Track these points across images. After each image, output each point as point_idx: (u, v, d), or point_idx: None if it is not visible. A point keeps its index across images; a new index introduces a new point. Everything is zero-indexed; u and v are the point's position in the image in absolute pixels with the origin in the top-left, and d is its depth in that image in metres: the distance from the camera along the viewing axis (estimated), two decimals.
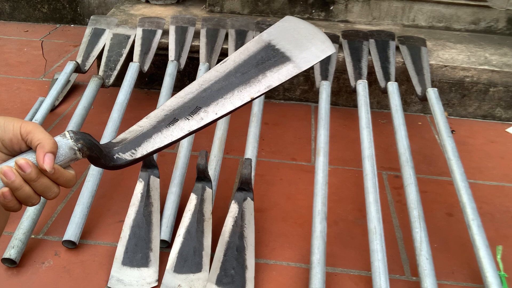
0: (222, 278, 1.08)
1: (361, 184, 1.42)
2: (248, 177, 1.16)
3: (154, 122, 0.59)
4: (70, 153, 0.53)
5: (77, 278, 1.11)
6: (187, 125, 0.58)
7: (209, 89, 0.60)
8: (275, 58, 0.61)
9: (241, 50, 0.63)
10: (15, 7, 2.60)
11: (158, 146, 0.58)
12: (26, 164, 0.50)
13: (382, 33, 1.91)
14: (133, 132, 0.59)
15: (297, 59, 0.61)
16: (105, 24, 1.89)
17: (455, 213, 1.38)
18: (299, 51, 0.61)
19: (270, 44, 0.63)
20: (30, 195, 0.52)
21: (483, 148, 1.70)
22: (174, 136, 0.58)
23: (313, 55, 0.61)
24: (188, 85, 0.61)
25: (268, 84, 0.59)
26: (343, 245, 1.25)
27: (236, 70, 0.61)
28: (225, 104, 0.59)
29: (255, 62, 0.61)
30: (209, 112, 0.58)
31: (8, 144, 0.53)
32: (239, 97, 0.59)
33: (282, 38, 0.63)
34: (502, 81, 1.82)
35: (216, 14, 2.18)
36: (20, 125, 0.52)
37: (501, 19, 2.11)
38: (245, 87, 0.60)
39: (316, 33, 0.63)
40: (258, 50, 0.63)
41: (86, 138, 0.55)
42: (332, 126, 1.75)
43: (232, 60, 0.62)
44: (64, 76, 1.64)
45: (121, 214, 1.30)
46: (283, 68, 0.60)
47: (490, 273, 1.08)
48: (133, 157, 0.57)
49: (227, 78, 0.61)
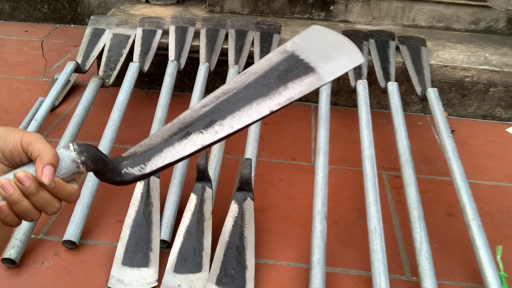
0: (222, 278, 1.08)
1: (361, 184, 1.42)
2: (248, 177, 1.16)
3: (166, 135, 0.56)
4: (72, 166, 0.51)
5: (77, 278, 1.11)
6: (200, 139, 0.55)
7: (226, 102, 0.57)
8: (298, 69, 0.58)
9: (262, 60, 0.60)
10: (15, 7, 2.60)
11: (168, 161, 0.55)
12: (25, 176, 0.48)
13: (382, 33, 1.91)
14: (144, 145, 0.56)
15: (321, 70, 0.58)
16: (105, 24, 1.89)
17: (455, 213, 1.38)
18: (324, 62, 0.58)
19: (294, 55, 0.60)
20: (29, 210, 0.49)
21: (483, 148, 1.70)
22: (186, 150, 0.55)
23: (340, 65, 0.58)
24: (204, 98, 0.59)
25: (289, 96, 0.56)
26: (343, 245, 1.25)
27: (255, 81, 0.58)
28: (242, 117, 0.55)
29: (276, 74, 0.58)
30: (225, 125, 0.55)
31: (9, 156, 0.51)
32: (257, 110, 0.56)
33: (306, 48, 0.60)
34: (502, 81, 1.82)
35: (216, 14, 2.18)
36: (21, 136, 0.50)
37: (501, 19, 2.11)
38: (264, 99, 0.56)
39: (344, 42, 0.60)
40: (280, 61, 0.59)
41: (91, 150, 0.52)
42: (332, 126, 1.75)
43: (252, 71, 0.59)
44: (64, 76, 1.64)
45: (121, 214, 1.30)
46: (306, 79, 0.57)
47: (490, 273, 1.08)
48: (142, 172, 0.54)
49: (246, 90, 0.58)
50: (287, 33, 2.00)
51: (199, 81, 1.62)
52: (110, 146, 1.38)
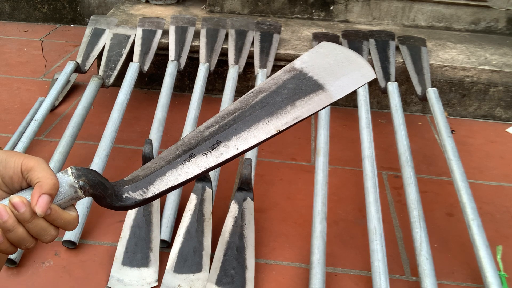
0: (222, 278, 1.08)
1: (361, 184, 1.42)
2: (248, 177, 1.16)
3: (170, 158, 0.55)
4: (70, 191, 0.48)
5: (77, 278, 1.11)
6: (204, 161, 0.53)
7: (232, 122, 0.55)
8: (306, 86, 0.56)
9: (269, 79, 0.58)
10: (15, 7, 2.60)
11: (171, 185, 0.53)
12: (21, 203, 0.45)
13: (382, 33, 1.91)
14: (147, 169, 0.54)
15: (331, 87, 0.56)
16: (105, 24, 1.89)
17: (455, 213, 1.38)
18: (333, 79, 0.56)
19: (302, 72, 0.58)
20: (24, 238, 0.47)
21: (483, 148, 1.70)
22: (190, 173, 0.53)
23: (350, 82, 0.56)
24: (209, 119, 0.57)
25: (297, 115, 0.54)
26: (343, 245, 1.25)
27: (262, 100, 0.56)
28: (248, 137, 0.54)
29: (284, 92, 0.56)
30: (230, 146, 0.54)
31: (9, 182, 0.48)
32: (264, 130, 0.54)
33: (316, 65, 0.58)
34: (502, 81, 1.82)
35: (216, 14, 2.18)
36: (21, 161, 0.48)
37: (501, 19, 2.11)
38: (271, 118, 0.54)
39: (354, 57, 0.58)
40: (288, 79, 0.57)
41: (90, 175, 0.49)
42: (332, 126, 1.75)
43: (259, 90, 0.58)
44: (64, 76, 1.64)
45: (121, 214, 1.30)
46: (315, 97, 0.55)
47: (490, 273, 1.08)
48: (144, 197, 0.52)
49: (252, 110, 0.56)
50: (287, 33, 2.00)
51: (199, 81, 1.62)
52: (110, 146, 1.38)
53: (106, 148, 1.36)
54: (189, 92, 1.95)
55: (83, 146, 1.57)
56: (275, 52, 1.80)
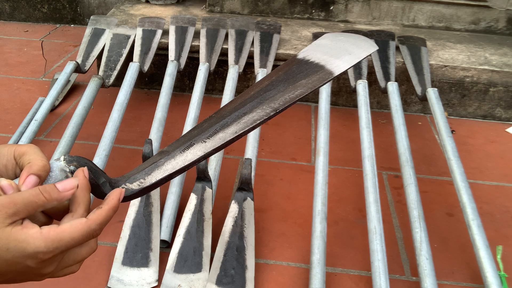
0: (222, 278, 1.08)
1: (361, 184, 1.42)
2: (248, 177, 1.16)
3: (169, 150, 0.55)
4: (61, 175, 0.47)
5: (77, 278, 1.11)
6: (203, 147, 0.54)
7: (231, 112, 0.57)
8: (307, 70, 0.56)
9: (271, 72, 0.60)
10: (15, 7, 2.60)
11: (169, 172, 0.52)
12: (9, 186, 0.44)
13: (382, 33, 1.91)
14: (145, 163, 0.54)
15: (331, 66, 0.56)
16: (105, 24, 1.89)
17: (455, 213, 1.38)
18: (335, 58, 0.57)
19: (304, 60, 0.58)
20: None
21: (483, 148, 1.70)
22: (188, 160, 0.53)
23: (351, 58, 0.56)
24: (207, 117, 0.58)
25: (298, 93, 0.54)
26: (343, 245, 1.25)
27: (263, 88, 0.57)
28: (247, 121, 0.55)
29: (284, 77, 0.57)
30: (228, 133, 0.55)
31: (3, 171, 0.48)
32: (263, 111, 0.55)
33: (317, 52, 0.59)
34: (502, 81, 1.82)
35: (216, 14, 2.18)
36: (14, 148, 0.48)
37: (501, 19, 2.11)
38: (269, 102, 0.55)
39: (356, 38, 0.59)
40: (289, 67, 0.58)
41: (82, 161, 0.49)
42: (332, 126, 1.75)
43: (259, 81, 0.58)
44: (64, 76, 1.64)
45: (121, 214, 1.30)
46: (315, 76, 0.55)
47: (490, 273, 1.08)
48: (141, 186, 0.51)
49: (252, 98, 0.57)
50: (287, 33, 2.00)
51: (199, 81, 1.62)
52: (110, 146, 1.37)
53: (106, 148, 1.36)
54: (189, 92, 1.95)
55: (83, 146, 1.57)
56: (275, 52, 1.80)
